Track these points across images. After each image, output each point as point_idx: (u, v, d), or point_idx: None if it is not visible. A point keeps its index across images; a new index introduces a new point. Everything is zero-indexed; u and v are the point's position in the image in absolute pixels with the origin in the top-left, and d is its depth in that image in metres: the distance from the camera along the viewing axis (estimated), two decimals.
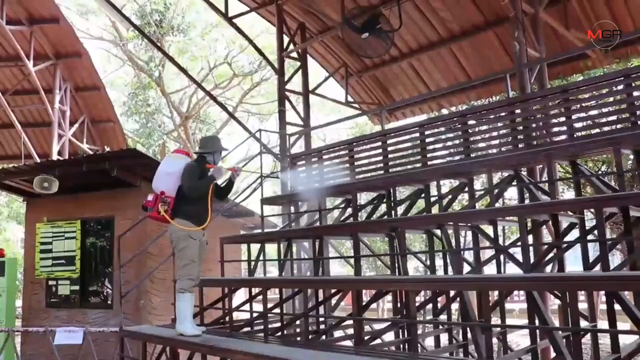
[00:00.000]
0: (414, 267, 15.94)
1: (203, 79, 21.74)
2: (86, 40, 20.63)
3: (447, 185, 11.07)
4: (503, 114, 6.55)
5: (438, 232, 5.88)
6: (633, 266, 4.62)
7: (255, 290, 6.92)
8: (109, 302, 9.26)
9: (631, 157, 5.91)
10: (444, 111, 13.15)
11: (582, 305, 5.88)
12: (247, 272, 7.60)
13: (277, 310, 6.93)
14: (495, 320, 6.79)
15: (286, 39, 11.52)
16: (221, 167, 5.59)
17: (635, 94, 5.54)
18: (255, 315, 6.86)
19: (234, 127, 23.11)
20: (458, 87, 11.14)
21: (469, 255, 8.01)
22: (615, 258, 10.50)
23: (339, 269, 21.47)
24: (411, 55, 11.71)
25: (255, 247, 7.91)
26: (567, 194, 11.02)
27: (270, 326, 6.62)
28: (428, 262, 6.52)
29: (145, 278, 8.36)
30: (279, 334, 6.45)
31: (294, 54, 11.75)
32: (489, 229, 5.43)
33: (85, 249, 9.62)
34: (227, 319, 6.82)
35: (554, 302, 10.23)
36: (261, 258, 7.78)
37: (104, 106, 16.10)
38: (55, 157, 13.60)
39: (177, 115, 22.30)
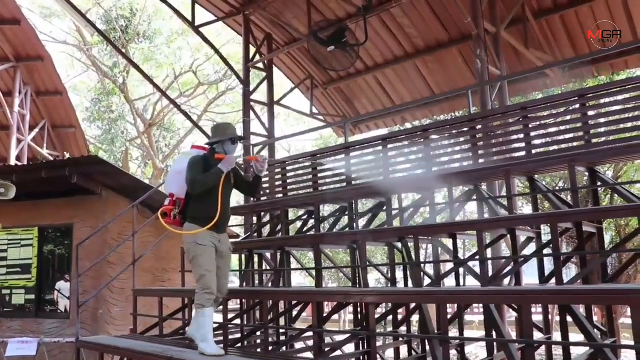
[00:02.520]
0: (376, 279, 16.06)
1: (168, 87, 21.56)
2: (49, 43, 20.34)
3: (410, 198, 11.21)
4: (465, 129, 6.68)
5: (399, 244, 5.96)
6: (585, 280, 4.77)
7: None
8: (66, 311, 9.06)
9: (586, 174, 6.09)
10: (408, 125, 13.36)
11: (540, 318, 6.05)
12: None
13: (238, 321, 6.91)
14: (454, 332, 6.91)
15: (252, 50, 11.55)
16: (230, 158, 4.79)
17: (590, 113, 5.72)
18: (215, 326, 6.81)
19: (198, 136, 22.97)
20: (422, 102, 11.33)
21: (430, 268, 8.12)
22: (572, 271, 10.77)
23: (301, 279, 21.47)
24: (376, 69, 11.87)
25: None
26: (526, 208, 11.29)
27: (230, 337, 6.59)
28: (389, 275, 6.60)
29: (104, 287, 8.22)
30: (239, 345, 6.42)
31: (260, 65, 11.79)
32: (450, 242, 5.53)
33: (43, 257, 9.40)
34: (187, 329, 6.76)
35: (511, 315, 10.42)
36: None
37: (66, 111, 15.82)
38: (13, 162, 13.29)
39: (141, 122, 22.03)
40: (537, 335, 5.82)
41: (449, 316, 4.88)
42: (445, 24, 10.45)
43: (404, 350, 6.79)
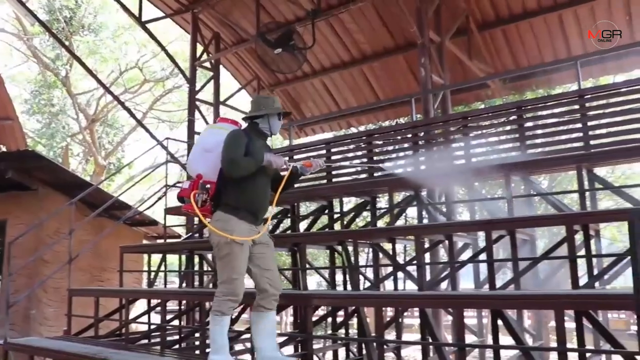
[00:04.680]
0: (317, 282, 16.15)
1: (113, 82, 21.05)
2: None
3: (353, 202, 11.31)
4: (409, 135, 6.82)
5: (340, 248, 6.02)
6: (517, 285, 4.94)
7: (155, 302, 6.78)
8: None
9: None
10: (353, 129, 13.50)
11: (475, 321, 6.22)
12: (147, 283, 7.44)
13: (176, 323, 6.83)
14: (392, 335, 7.02)
15: (200, 48, 11.43)
16: (281, 158, 4.06)
17: (527, 124, 5.94)
18: (153, 327, 6.71)
19: (142, 133, 22.52)
20: (367, 107, 11.47)
21: (371, 272, 8.22)
22: (508, 276, 11.05)
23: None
24: (323, 73, 11.94)
25: (158, 258, 7.77)
26: (465, 215, 11.56)
27: (169, 339, 6.51)
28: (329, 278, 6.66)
29: (37, 287, 7.97)
30: (177, 347, 6.35)
31: (207, 64, 11.67)
32: (390, 247, 5.63)
33: None
34: (123, 330, 6.64)
35: (448, 318, 10.66)
36: (162, 269, 7.65)
37: (2, 102, 15.13)
38: None
39: (83, 117, 21.40)
40: (472, 338, 6.00)
41: (388, 319, 4.97)
42: (392, 32, 10.61)
43: (342, 353, 6.87)
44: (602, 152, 5.16)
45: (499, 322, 4.22)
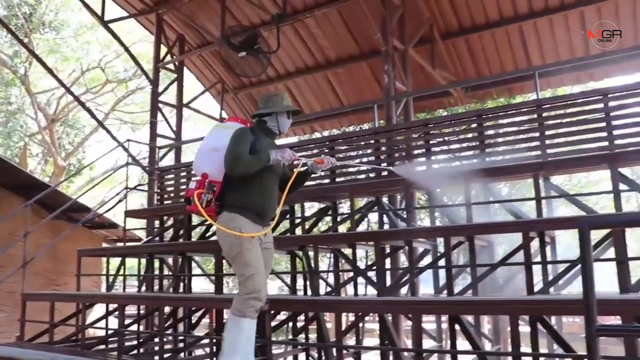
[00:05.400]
0: (279, 287, 16.09)
1: (74, 82, 20.62)
2: None
3: (315, 206, 11.34)
4: (372, 141, 6.86)
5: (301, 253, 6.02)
6: (475, 291, 5.01)
7: (113, 306, 6.66)
8: None
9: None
10: (317, 134, 13.53)
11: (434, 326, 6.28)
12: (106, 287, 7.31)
13: (134, 328, 6.72)
14: (352, 339, 7.04)
15: (164, 50, 11.30)
16: (286, 150, 3.84)
17: (487, 132, 6.04)
18: (110, 332, 6.59)
19: (104, 134, 22.10)
20: (331, 112, 11.52)
21: (332, 277, 8.25)
22: (468, 281, 11.20)
23: (206, 285, 21.12)
24: (288, 77, 11.95)
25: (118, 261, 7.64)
26: (426, 221, 11.69)
27: (127, 344, 6.41)
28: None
29: None
30: (135, 352, 6.25)
31: (171, 66, 11.56)
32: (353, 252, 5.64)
33: None
34: (79, 336, 6.50)
35: (408, 323, 10.76)
36: (121, 273, 7.53)
37: None
38: None
39: (42, 117, 20.90)
40: (431, 343, 6.06)
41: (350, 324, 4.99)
42: (356, 38, 10.69)
43: (302, 358, 6.86)
44: (558, 160, 5.28)
45: (457, 327, 4.28)
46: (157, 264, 7.85)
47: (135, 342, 6.58)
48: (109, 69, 21.57)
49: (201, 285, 19.94)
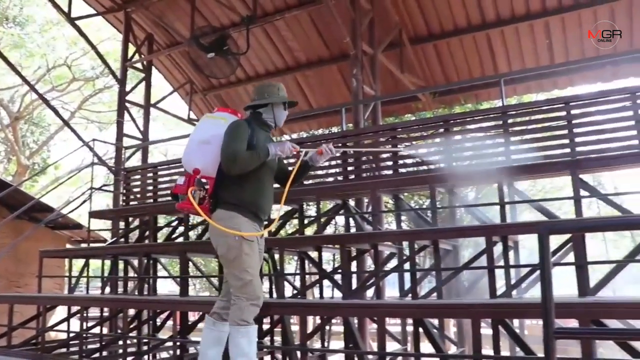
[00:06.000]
0: None
1: (39, 79, 20.20)
2: None
3: (283, 209, 11.30)
4: (339, 145, 6.88)
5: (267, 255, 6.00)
6: (439, 294, 5.06)
7: (75, 309, 6.55)
8: None
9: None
10: (285, 137, 13.50)
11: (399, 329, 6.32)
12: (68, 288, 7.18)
13: (96, 330, 6.62)
14: (318, 342, 7.05)
15: (132, 49, 11.16)
16: (286, 143, 3.70)
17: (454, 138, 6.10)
18: (72, 335, 6.47)
19: (70, 133, 21.66)
20: (300, 115, 11.51)
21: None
22: (433, 284, 11.32)
23: (172, 287, 20.89)
24: (257, 79, 11.88)
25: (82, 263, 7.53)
26: (393, 225, 11.74)
27: (90, 347, 6.31)
28: None
29: None
30: (97, 355, 6.16)
31: (139, 65, 11.42)
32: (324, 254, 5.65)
33: None
34: (40, 339, 6.37)
35: (374, 326, 10.81)
36: (84, 274, 7.40)
37: None
38: None
39: (6, 114, 20.42)
40: (396, 346, 6.10)
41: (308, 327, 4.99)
42: (326, 41, 10.71)
43: None
44: (521, 166, 5.36)
45: (421, 330, 4.32)
46: (121, 265, 7.74)
47: (97, 345, 6.47)
48: (76, 67, 21.17)
49: (168, 288, 19.72)
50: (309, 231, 8.07)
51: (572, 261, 4.17)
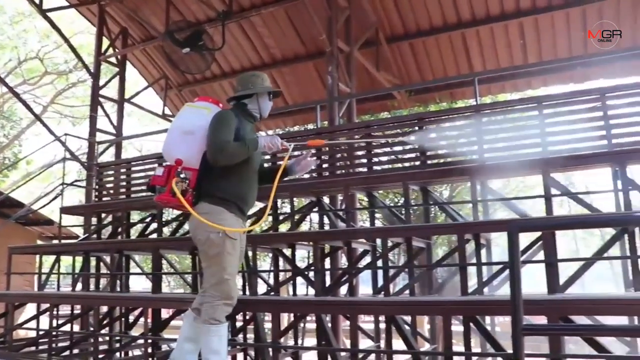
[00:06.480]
0: None
1: (10, 72, 19.83)
2: None
3: (257, 205, 11.27)
4: None
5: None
6: (412, 291, 5.09)
7: (45, 306, 6.44)
8: None
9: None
10: (261, 133, 13.46)
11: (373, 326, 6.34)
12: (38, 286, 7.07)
13: (66, 328, 6.52)
14: (291, 339, 7.04)
15: (106, 42, 11.00)
16: (276, 138, 3.60)
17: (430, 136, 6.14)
18: (41, 333, 6.37)
19: (42, 128, 21.28)
20: (275, 112, 11.46)
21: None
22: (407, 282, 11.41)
23: (147, 285, 20.71)
24: (233, 75, 11.80)
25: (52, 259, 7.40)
26: (368, 223, 11.79)
27: (60, 344, 6.21)
28: None
29: None
30: (67, 353, 6.07)
31: (113, 59, 11.27)
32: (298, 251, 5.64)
33: None
34: (8, 337, 6.25)
35: (347, 323, 10.84)
36: (55, 271, 7.28)
37: None
38: None
39: None
40: (369, 343, 6.12)
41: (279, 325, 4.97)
42: (303, 38, 10.69)
43: (240, 357, 6.81)
44: (495, 165, 5.41)
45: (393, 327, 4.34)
46: (93, 262, 7.63)
47: (67, 343, 6.38)
48: (49, 60, 20.83)
49: (142, 285, 19.55)
50: (283, 228, 8.07)
51: (541, 259, 4.22)
